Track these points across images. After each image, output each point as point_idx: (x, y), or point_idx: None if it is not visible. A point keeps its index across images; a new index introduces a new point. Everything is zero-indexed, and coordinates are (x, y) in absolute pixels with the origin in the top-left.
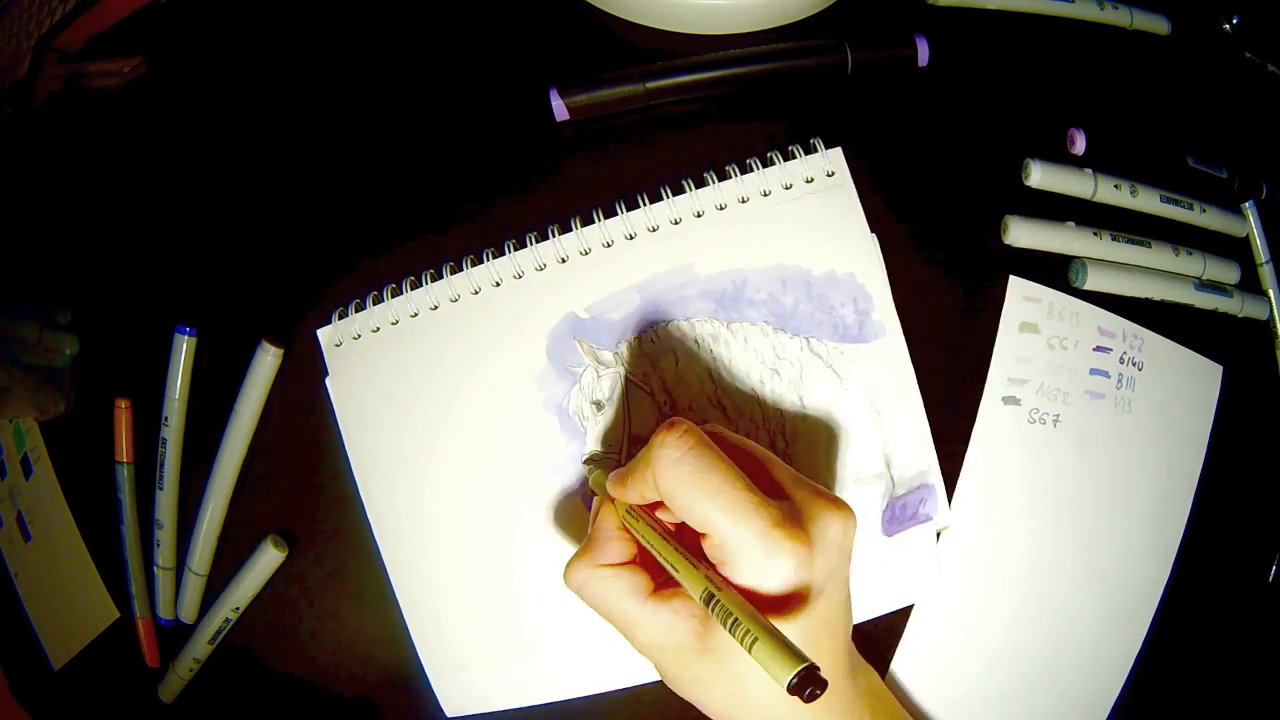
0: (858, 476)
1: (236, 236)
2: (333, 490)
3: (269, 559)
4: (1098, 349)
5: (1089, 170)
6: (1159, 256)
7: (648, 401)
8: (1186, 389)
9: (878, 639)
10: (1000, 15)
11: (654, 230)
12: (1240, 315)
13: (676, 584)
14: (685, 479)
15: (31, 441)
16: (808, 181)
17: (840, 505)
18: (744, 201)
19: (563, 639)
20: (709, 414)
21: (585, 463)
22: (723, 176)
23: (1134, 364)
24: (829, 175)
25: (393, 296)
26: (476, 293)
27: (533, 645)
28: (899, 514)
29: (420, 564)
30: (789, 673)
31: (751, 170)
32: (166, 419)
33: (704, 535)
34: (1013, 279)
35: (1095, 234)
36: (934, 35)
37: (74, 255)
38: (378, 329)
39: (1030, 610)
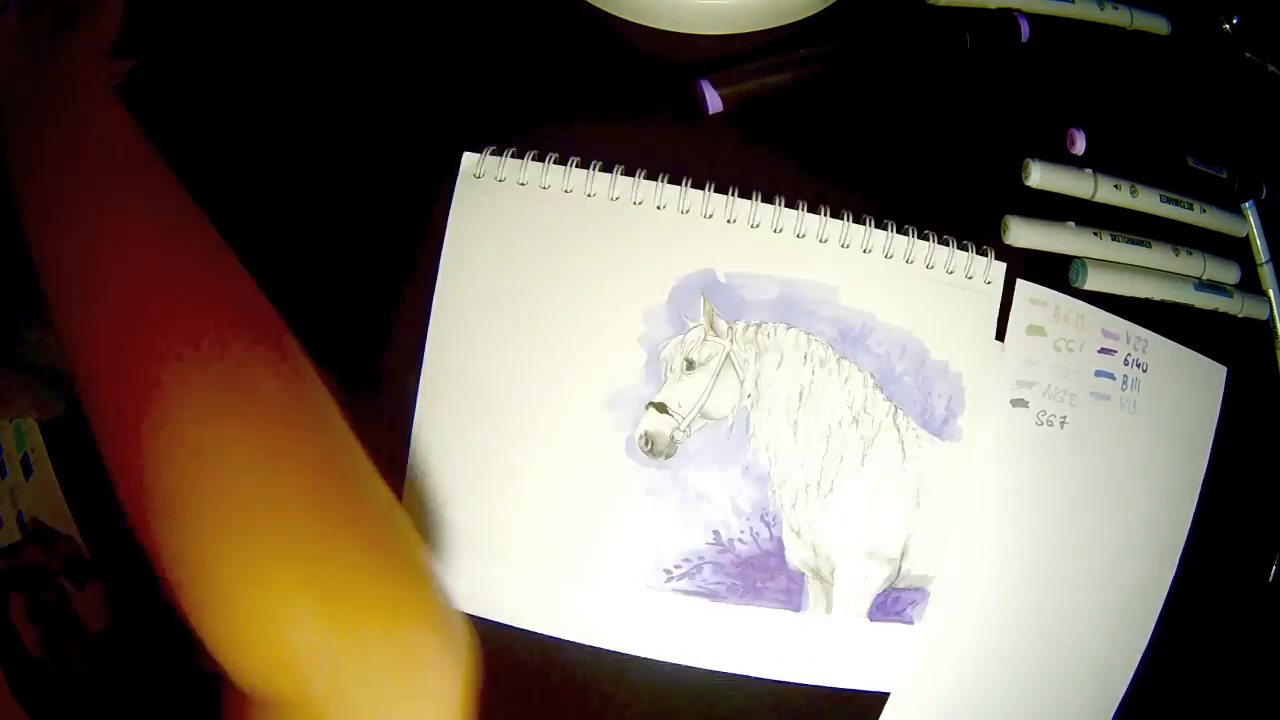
0: (872, 551)
1: (237, 236)
2: None
3: None
4: (1102, 351)
5: (1089, 170)
6: (1159, 257)
7: (735, 387)
8: (1190, 390)
9: None
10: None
11: (824, 241)
12: (1240, 315)
13: None
14: None
15: (31, 441)
16: (967, 276)
17: None
18: (909, 262)
19: (572, 570)
20: (779, 426)
21: (649, 405)
22: (901, 227)
23: (1138, 365)
24: (987, 283)
25: (555, 164)
26: (638, 204)
27: (536, 561)
28: (888, 605)
29: (448, 429)
30: None
31: (928, 239)
32: None
33: None
34: (1020, 282)
35: (1095, 234)
36: (934, 35)
37: None
38: (525, 183)
39: (1036, 612)
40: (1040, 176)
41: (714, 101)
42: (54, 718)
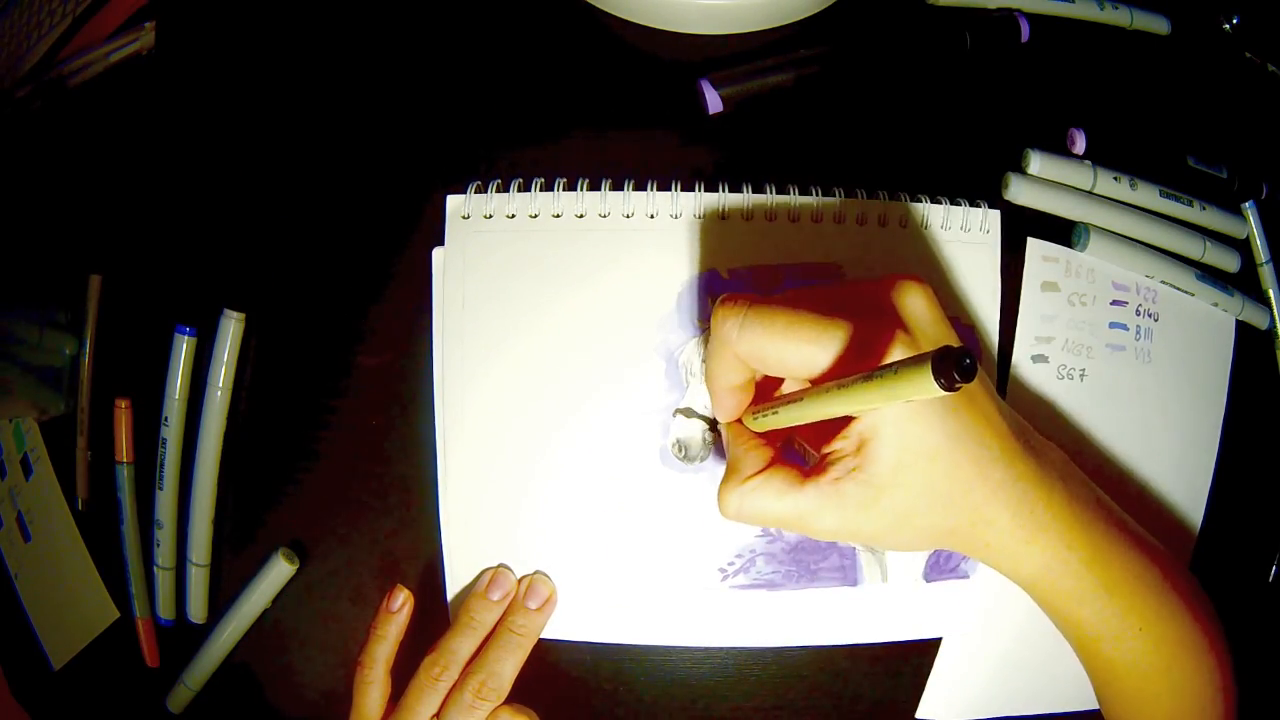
0: None
1: (235, 235)
2: (338, 489)
3: (280, 572)
4: (1114, 303)
5: (1088, 161)
6: (1159, 232)
7: None
8: (1203, 337)
9: None
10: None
11: (817, 221)
12: (1240, 316)
13: (819, 470)
14: (760, 334)
15: (31, 441)
16: (964, 230)
17: (901, 277)
18: (903, 225)
19: (605, 584)
20: None
21: (676, 412)
22: (893, 194)
23: (1150, 315)
24: (985, 232)
25: (542, 191)
26: (629, 216)
27: (590, 582)
28: (941, 564)
29: (474, 461)
30: (927, 365)
31: (921, 200)
32: (166, 419)
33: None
34: (1031, 240)
35: (1094, 194)
36: (934, 35)
37: (74, 255)
38: (514, 215)
39: None
40: (1040, 166)
41: (714, 101)
42: (54, 718)
